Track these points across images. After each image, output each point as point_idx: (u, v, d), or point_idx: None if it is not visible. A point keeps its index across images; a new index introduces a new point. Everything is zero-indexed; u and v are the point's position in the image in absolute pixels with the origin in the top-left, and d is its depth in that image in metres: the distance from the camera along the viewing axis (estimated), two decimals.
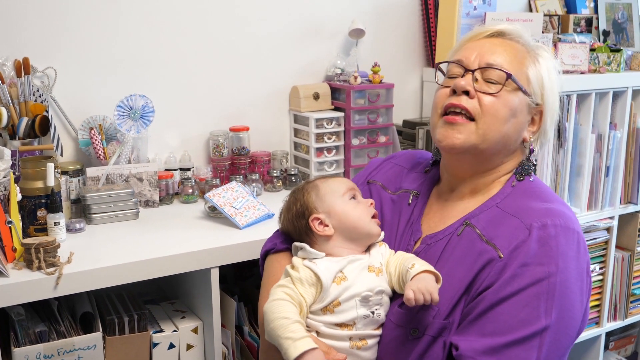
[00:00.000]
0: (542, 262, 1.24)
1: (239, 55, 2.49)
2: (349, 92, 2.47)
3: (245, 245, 1.91)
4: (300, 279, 1.37)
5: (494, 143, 1.37)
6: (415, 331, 1.32)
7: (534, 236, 1.26)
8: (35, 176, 1.86)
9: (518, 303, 1.23)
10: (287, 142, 2.65)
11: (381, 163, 1.69)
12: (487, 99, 1.35)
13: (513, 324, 1.22)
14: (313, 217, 1.45)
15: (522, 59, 1.39)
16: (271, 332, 1.32)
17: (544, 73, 1.40)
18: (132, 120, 2.18)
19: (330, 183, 1.51)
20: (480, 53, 1.39)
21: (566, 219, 1.30)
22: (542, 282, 1.23)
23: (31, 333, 1.74)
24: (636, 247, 2.74)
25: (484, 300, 1.25)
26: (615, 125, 2.55)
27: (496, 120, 1.35)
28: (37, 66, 2.15)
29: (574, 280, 1.26)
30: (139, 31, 2.30)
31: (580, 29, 2.87)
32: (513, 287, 1.24)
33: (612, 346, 2.99)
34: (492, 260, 1.28)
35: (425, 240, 1.44)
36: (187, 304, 2.08)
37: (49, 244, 1.68)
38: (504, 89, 1.35)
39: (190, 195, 2.30)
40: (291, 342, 1.27)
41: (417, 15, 2.83)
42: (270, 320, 1.32)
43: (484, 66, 1.37)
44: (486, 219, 1.36)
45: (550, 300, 1.22)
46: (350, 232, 1.44)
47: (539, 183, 1.44)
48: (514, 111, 1.37)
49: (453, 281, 1.32)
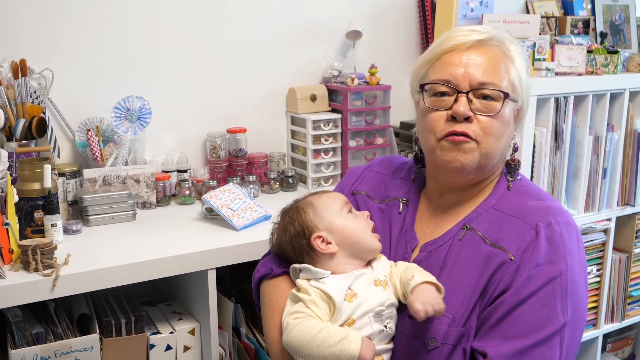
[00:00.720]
0: (552, 260, 1.26)
1: (236, 57, 2.50)
2: (346, 94, 2.47)
3: (242, 247, 1.90)
4: (313, 301, 1.32)
5: (494, 158, 1.38)
6: (434, 341, 1.30)
7: (542, 236, 1.28)
8: (32, 178, 1.86)
9: (536, 303, 1.24)
10: (284, 144, 2.65)
11: (362, 172, 1.65)
12: (486, 121, 1.33)
13: (534, 325, 1.23)
14: (315, 235, 1.40)
15: (504, 65, 1.36)
16: (317, 351, 1.25)
17: (521, 70, 1.39)
18: (129, 121, 2.18)
19: (325, 199, 1.46)
20: (468, 71, 1.34)
21: (565, 216, 1.32)
22: (555, 280, 1.25)
23: (28, 335, 1.73)
24: (633, 248, 2.74)
25: (504, 304, 1.26)
26: (613, 127, 2.55)
27: (496, 139, 1.35)
28: (34, 68, 2.15)
29: (580, 275, 1.29)
30: (136, 33, 2.30)
31: (577, 30, 2.87)
32: (530, 288, 1.25)
33: (609, 348, 2.99)
34: (504, 262, 1.28)
35: (425, 248, 1.42)
36: (184, 306, 2.08)
37: (46, 245, 1.68)
38: (503, 107, 1.35)
39: (187, 196, 2.30)
40: (346, 341, 1.24)
41: (414, 17, 2.84)
42: (309, 341, 1.26)
43: (477, 87, 1.33)
44: (486, 221, 1.36)
45: (564, 297, 1.25)
46: (353, 247, 1.40)
47: (527, 182, 1.45)
48: (508, 123, 1.37)
49: (463, 286, 1.31)
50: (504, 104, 1.34)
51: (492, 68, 1.35)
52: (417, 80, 1.44)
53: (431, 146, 1.38)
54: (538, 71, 2.32)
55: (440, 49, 1.39)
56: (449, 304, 1.30)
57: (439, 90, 1.37)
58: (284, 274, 1.49)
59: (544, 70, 2.30)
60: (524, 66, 1.40)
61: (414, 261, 1.42)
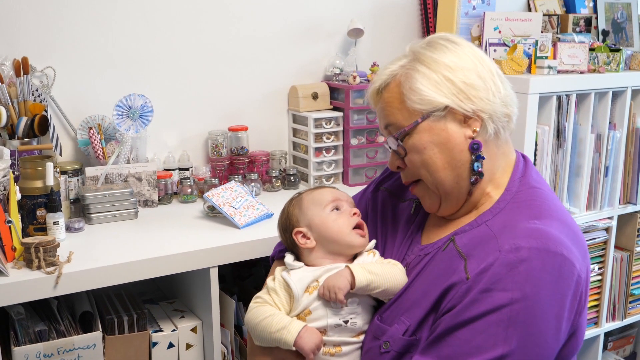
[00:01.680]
0: (506, 287, 1.18)
1: (237, 55, 2.49)
2: (348, 92, 2.47)
3: (244, 245, 1.91)
4: (274, 289, 1.44)
5: (447, 183, 1.35)
6: (387, 344, 1.31)
7: (501, 260, 1.20)
8: (35, 176, 1.86)
9: (475, 329, 1.18)
10: (286, 142, 2.65)
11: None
12: (407, 161, 1.37)
13: (467, 349, 1.18)
14: (295, 230, 1.50)
15: (400, 96, 1.35)
16: (261, 335, 1.39)
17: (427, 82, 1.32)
18: (131, 119, 2.17)
19: (314, 195, 1.54)
20: (380, 123, 1.43)
21: (547, 241, 1.21)
22: (503, 309, 1.17)
23: (31, 332, 1.74)
24: (635, 247, 2.74)
25: (442, 323, 1.23)
26: (615, 125, 2.55)
27: (426, 167, 1.34)
28: (36, 66, 2.15)
29: (545, 307, 1.18)
30: (138, 31, 2.30)
31: (579, 28, 2.87)
32: (472, 312, 1.19)
33: (610, 346, 2.99)
34: (460, 281, 1.24)
35: (416, 252, 1.43)
36: (186, 304, 2.08)
37: (49, 243, 1.68)
38: (406, 142, 1.35)
39: (189, 195, 2.30)
40: (285, 331, 1.35)
41: (416, 15, 2.83)
42: (255, 325, 1.40)
43: (387, 134, 1.40)
44: (470, 236, 1.32)
45: (512, 327, 1.16)
46: (330, 244, 1.46)
47: (537, 195, 1.35)
48: (428, 143, 1.33)
49: (425, 298, 1.30)
50: (409, 137, 1.34)
51: (386, 110, 1.39)
52: None
53: None
54: (540, 69, 2.32)
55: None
56: (410, 312, 1.31)
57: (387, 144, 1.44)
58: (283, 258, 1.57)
59: (546, 68, 2.30)
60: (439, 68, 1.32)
61: (407, 263, 1.43)
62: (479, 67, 1.33)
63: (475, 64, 1.33)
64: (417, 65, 1.34)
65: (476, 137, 1.33)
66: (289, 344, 1.34)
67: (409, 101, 1.33)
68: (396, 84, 1.36)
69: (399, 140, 1.35)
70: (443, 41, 1.37)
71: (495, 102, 1.33)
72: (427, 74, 1.32)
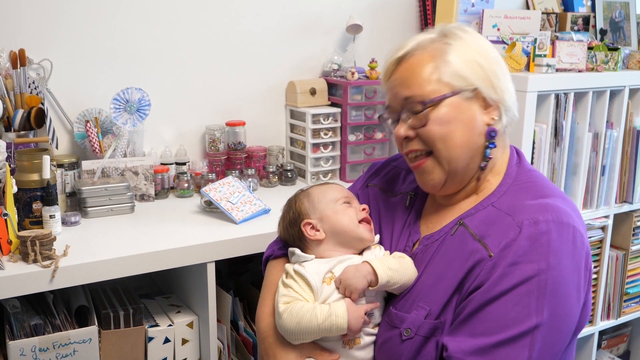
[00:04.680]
0: (532, 259, 1.22)
1: (235, 50, 2.49)
2: (346, 88, 2.47)
3: (241, 240, 1.90)
4: (299, 285, 1.40)
5: (459, 160, 1.36)
6: (409, 331, 1.31)
7: (524, 233, 1.24)
8: (31, 169, 1.85)
9: (508, 302, 1.21)
10: (283, 138, 2.65)
11: (381, 166, 1.69)
12: (423, 132, 1.35)
13: (503, 323, 1.21)
14: (305, 222, 1.48)
15: (429, 67, 1.35)
16: (307, 330, 1.35)
17: (459, 59, 1.35)
18: (128, 113, 2.16)
19: (323, 189, 1.54)
20: (394, 93, 1.39)
21: (560, 214, 1.27)
22: (532, 279, 1.21)
23: (26, 326, 1.73)
24: (631, 246, 2.74)
25: (473, 301, 1.25)
26: (612, 124, 2.55)
27: (444, 143, 1.35)
28: (33, 58, 2.13)
29: (568, 277, 1.24)
30: (135, 24, 2.29)
31: (577, 27, 2.87)
32: (502, 286, 1.22)
33: (604, 345, 3.00)
34: (483, 259, 1.27)
35: (422, 242, 1.43)
36: (183, 299, 2.07)
37: (45, 236, 1.67)
38: (430, 113, 1.33)
39: (185, 189, 2.30)
40: (333, 317, 1.32)
41: (414, 11, 2.83)
42: (298, 324, 1.35)
43: (402, 105, 1.37)
44: (480, 218, 1.35)
45: (542, 297, 1.20)
46: (340, 236, 1.46)
47: (537, 176, 1.41)
48: (454, 119, 1.34)
49: (443, 281, 1.31)
50: (434, 108, 1.33)
51: (411, 79, 1.36)
52: None
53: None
54: (539, 67, 2.32)
55: (383, 80, 1.46)
56: (429, 297, 1.32)
57: (388, 118, 1.44)
58: (284, 256, 1.57)
59: (545, 66, 2.30)
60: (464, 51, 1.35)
61: (412, 254, 1.43)
62: (500, 61, 1.40)
63: (497, 58, 1.40)
64: (451, 41, 1.36)
65: (493, 125, 1.37)
66: (344, 327, 1.33)
67: (443, 73, 1.33)
68: (429, 55, 1.35)
69: (425, 108, 1.33)
70: (469, 29, 1.42)
71: (511, 97, 1.39)
72: (461, 51, 1.35)
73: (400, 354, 1.32)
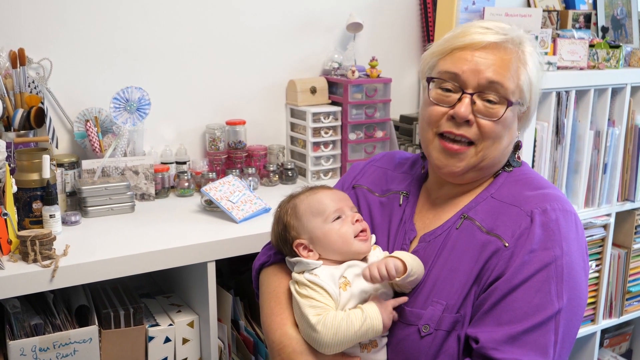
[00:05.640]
0: (547, 246, 1.26)
1: (235, 49, 2.48)
2: (347, 87, 2.46)
3: (242, 240, 1.90)
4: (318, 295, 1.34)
5: (493, 160, 1.38)
6: (427, 327, 1.31)
7: (537, 222, 1.28)
8: (31, 168, 1.85)
9: (530, 289, 1.24)
10: (284, 136, 2.64)
11: (364, 167, 1.67)
12: (486, 124, 1.33)
13: (528, 310, 1.23)
14: (296, 242, 1.43)
15: (515, 68, 1.34)
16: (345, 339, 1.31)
17: (532, 73, 1.37)
18: (128, 112, 2.16)
19: (310, 203, 1.44)
20: (478, 68, 1.32)
21: (563, 202, 1.32)
22: (550, 266, 1.24)
23: (27, 326, 1.73)
24: (633, 244, 2.74)
25: (497, 290, 1.26)
26: (614, 122, 2.54)
27: (494, 142, 1.36)
28: (33, 57, 2.13)
29: (577, 261, 1.28)
30: (135, 23, 2.28)
31: (578, 25, 2.86)
32: (524, 274, 1.25)
33: (607, 343, 2.99)
34: (498, 250, 1.29)
35: (424, 239, 1.42)
36: (183, 298, 2.07)
37: (45, 236, 1.67)
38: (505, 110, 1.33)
39: (186, 188, 2.29)
40: (369, 320, 1.30)
41: (415, 9, 2.82)
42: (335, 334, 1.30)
43: (484, 89, 1.33)
44: (484, 210, 1.37)
45: (560, 283, 1.24)
46: (335, 254, 1.41)
47: (528, 170, 1.45)
48: (510, 125, 1.37)
49: (458, 274, 1.32)
50: (507, 109, 1.33)
51: (502, 69, 1.33)
52: (427, 68, 1.43)
53: (427, 139, 1.41)
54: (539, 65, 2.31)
55: (454, 44, 1.37)
56: (444, 291, 1.32)
57: (445, 85, 1.36)
58: (282, 262, 1.52)
59: (546, 64, 2.29)
60: (535, 68, 1.37)
61: (412, 252, 1.42)
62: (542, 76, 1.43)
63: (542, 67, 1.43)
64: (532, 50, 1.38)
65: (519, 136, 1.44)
66: (379, 328, 1.31)
67: (522, 80, 1.35)
68: (517, 56, 1.35)
69: (511, 105, 1.34)
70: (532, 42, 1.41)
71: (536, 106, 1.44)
72: (534, 69, 1.37)
73: (420, 351, 1.31)
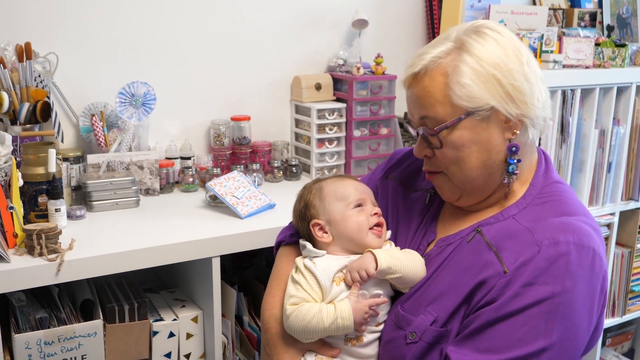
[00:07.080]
0: (547, 281, 1.18)
1: (241, 45, 2.48)
2: (352, 83, 2.46)
3: (246, 235, 1.90)
4: (308, 283, 1.38)
5: (476, 179, 1.32)
6: (414, 335, 1.29)
7: (542, 254, 1.19)
8: (37, 162, 1.85)
9: (516, 322, 1.18)
10: (288, 133, 2.64)
11: (403, 157, 1.62)
12: (439, 153, 1.32)
13: (509, 342, 1.18)
14: (314, 222, 1.45)
15: (441, 89, 1.28)
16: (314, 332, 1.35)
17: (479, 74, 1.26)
18: (133, 107, 2.16)
19: (337, 187, 1.47)
20: (411, 109, 1.34)
21: (581, 235, 1.21)
22: (544, 302, 1.17)
23: (32, 319, 1.73)
24: (636, 244, 2.74)
25: (482, 316, 1.22)
26: (619, 120, 2.54)
27: (458, 166, 1.31)
28: (39, 51, 2.13)
29: (581, 301, 1.20)
30: (141, 18, 2.29)
31: (584, 23, 2.86)
32: (514, 306, 1.18)
33: (609, 342, 3.00)
34: (497, 274, 1.22)
35: (439, 243, 1.39)
36: (187, 293, 2.07)
37: (51, 230, 1.67)
38: (445, 136, 1.29)
39: (190, 184, 2.29)
40: (340, 320, 1.32)
41: (420, 6, 2.82)
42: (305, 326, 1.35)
43: (421, 125, 1.32)
44: (498, 228, 1.30)
45: (552, 320, 1.17)
46: (347, 242, 1.42)
47: (562, 191, 1.34)
48: (469, 141, 1.28)
49: (454, 289, 1.28)
50: (448, 132, 1.28)
51: (425, 100, 1.29)
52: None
53: None
54: (545, 63, 2.31)
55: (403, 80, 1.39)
56: (439, 304, 1.29)
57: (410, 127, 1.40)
58: (296, 243, 1.53)
59: (552, 62, 2.29)
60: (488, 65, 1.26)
61: (426, 254, 1.40)
62: (526, 68, 1.28)
63: (522, 64, 1.28)
64: (465, 56, 1.27)
65: (515, 140, 1.30)
66: (350, 328, 1.33)
67: (455, 96, 1.26)
68: (441, 74, 1.27)
69: (438, 134, 1.29)
70: (490, 31, 1.30)
71: (538, 106, 1.29)
72: (476, 69, 1.25)
73: (404, 356, 1.30)
